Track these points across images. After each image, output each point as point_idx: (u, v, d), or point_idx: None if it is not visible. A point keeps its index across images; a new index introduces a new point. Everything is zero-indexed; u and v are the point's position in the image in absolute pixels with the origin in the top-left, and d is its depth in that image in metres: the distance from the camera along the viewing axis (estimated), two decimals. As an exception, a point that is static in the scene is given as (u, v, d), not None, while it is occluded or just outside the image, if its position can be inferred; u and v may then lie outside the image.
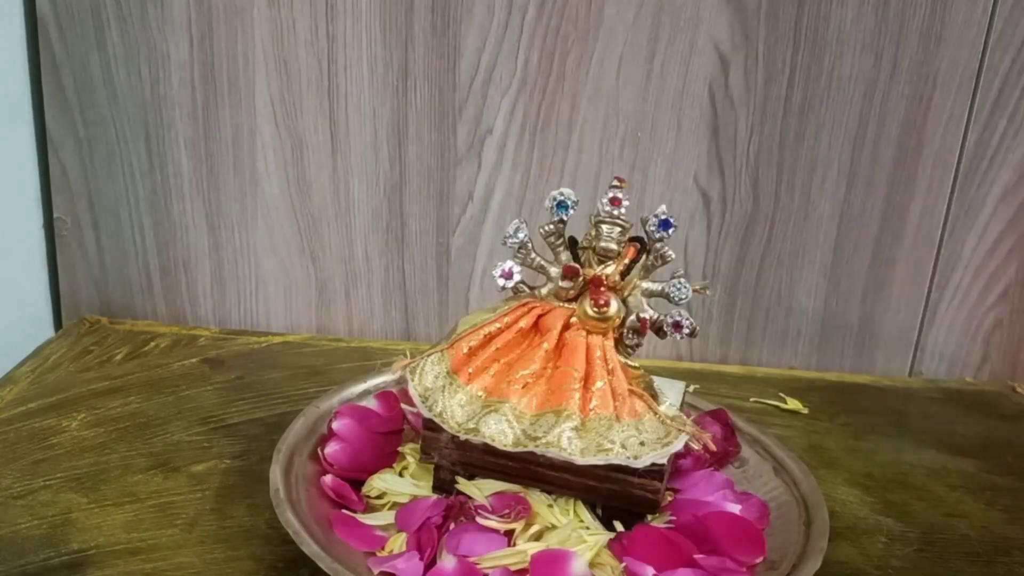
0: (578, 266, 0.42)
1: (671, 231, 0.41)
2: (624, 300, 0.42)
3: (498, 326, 0.42)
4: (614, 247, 0.41)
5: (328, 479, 0.43)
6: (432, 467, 0.43)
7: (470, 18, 0.62)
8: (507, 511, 0.40)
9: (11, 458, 0.48)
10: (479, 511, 0.40)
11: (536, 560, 0.38)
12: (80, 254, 0.67)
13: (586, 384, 0.40)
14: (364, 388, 0.51)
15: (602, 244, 0.41)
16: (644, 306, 0.42)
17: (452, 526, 0.40)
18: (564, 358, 0.41)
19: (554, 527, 0.40)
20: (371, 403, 0.49)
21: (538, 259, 0.43)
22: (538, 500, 0.41)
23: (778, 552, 0.40)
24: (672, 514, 0.42)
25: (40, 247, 0.66)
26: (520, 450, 0.39)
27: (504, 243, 0.43)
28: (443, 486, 0.42)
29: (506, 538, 0.39)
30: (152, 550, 0.41)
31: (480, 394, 0.41)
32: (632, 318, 0.41)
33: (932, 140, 0.65)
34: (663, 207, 0.41)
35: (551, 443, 0.39)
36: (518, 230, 0.42)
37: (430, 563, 0.38)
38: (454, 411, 0.41)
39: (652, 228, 0.41)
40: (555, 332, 0.41)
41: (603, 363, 0.41)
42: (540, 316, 0.42)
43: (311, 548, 0.37)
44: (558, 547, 0.39)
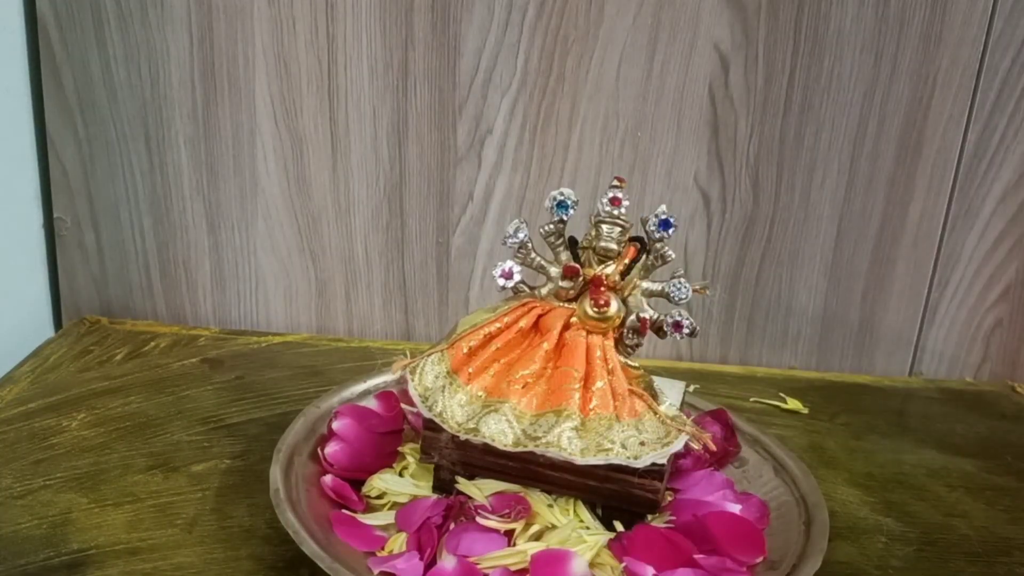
0: (578, 266, 0.42)
1: (671, 231, 0.41)
2: (624, 300, 0.42)
3: (498, 326, 0.42)
4: (614, 247, 0.41)
5: (328, 479, 0.43)
6: (432, 467, 0.43)
7: (470, 18, 0.62)
8: (507, 511, 0.40)
9: (11, 458, 0.48)
10: (479, 511, 0.40)
11: (536, 560, 0.38)
12: (80, 254, 0.67)
13: (586, 384, 0.40)
14: (364, 388, 0.51)
15: (602, 244, 0.41)
16: (644, 306, 0.42)
17: (452, 526, 0.40)
18: (564, 358, 0.41)
19: (554, 527, 0.40)
20: (371, 403, 0.49)
21: (538, 259, 0.43)
22: (538, 500, 0.41)
23: (778, 552, 0.40)
24: (672, 514, 0.42)
25: (40, 247, 0.66)
26: (520, 450, 0.39)
27: (504, 243, 0.43)
28: (443, 486, 0.42)
29: (506, 538, 0.39)
30: (152, 550, 0.41)
31: (480, 394, 0.41)
32: (632, 318, 0.41)
33: (932, 140, 0.65)
34: (663, 207, 0.41)
35: (551, 443, 0.39)
36: (518, 230, 0.42)
37: (430, 563, 0.38)
38: (454, 411, 0.41)
39: (652, 228, 0.41)
40: (555, 332, 0.41)
41: (603, 363, 0.41)
42: (540, 316, 0.42)
43: (311, 548, 0.37)
44: (558, 547, 0.39)
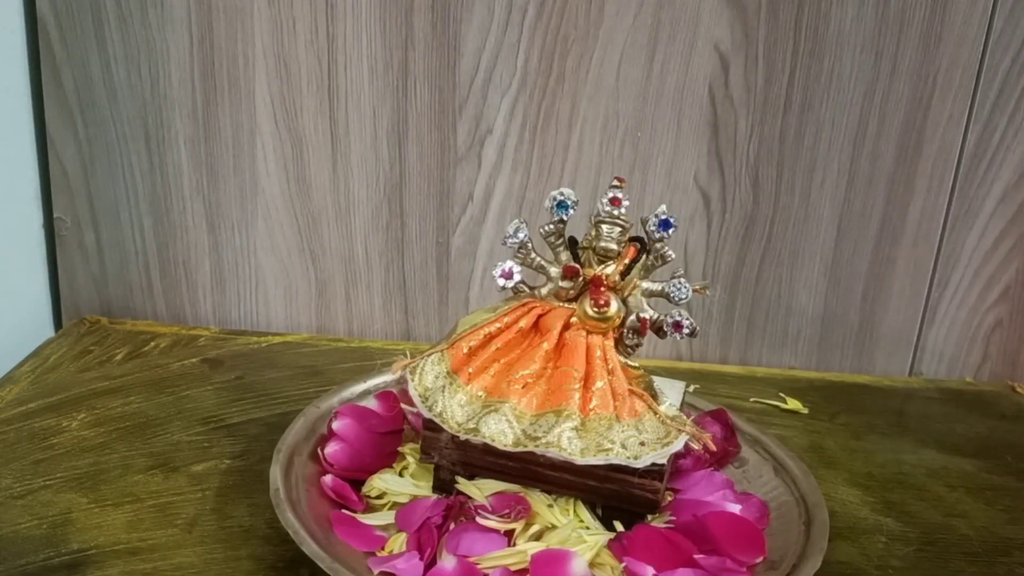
0: (578, 266, 0.42)
1: (671, 231, 0.41)
2: (624, 300, 0.42)
3: (498, 326, 0.42)
4: (614, 247, 0.41)
5: (328, 479, 0.43)
6: (432, 467, 0.43)
7: (470, 18, 0.62)
8: (507, 511, 0.40)
9: (11, 458, 0.48)
10: (479, 511, 0.40)
11: (536, 560, 0.38)
12: (80, 254, 0.67)
13: (586, 384, 0.40)
14: (364, 388, 0.51)
15: (602, 244, 0.41)
16: (644, 306, 0.42)
17: (452, 526, 0.40)
18: (564, 358, 0.41)
19: (554, 527, 0.40)
20: (371, 403, 0.49)
21: (538, 259, 0.43)
22: (538, 500, 0.41)
23: (778, 552, 0.40)
24: (672, 514, 0.42)
25: (40, 247, 0.66)
26: (520, 450, 0.39)
27: (504, 243, 0.43)
28: (443, 486, 0.42)
29: (506, 538, 0.39)
30: (152, 550, 0.41)
31: (480, 394, 0.41)
32: (632, 318, 0.41)
33: (932, 140, 0.65)
34: (663, 207, 0.41)
35: (551, 443, 0.39)
36: (518, 230, 0.42)
37: (430, 563, 0.38)
38: (454, 411, 0.41)
39: (652, 228, 0.41)
40: (555, 332, 0.41)
41: (603, 363, 0.41)
42: (540, 316, 0.42)
43: (311, 548, 0.37)
44: (558, 547, 0.39)
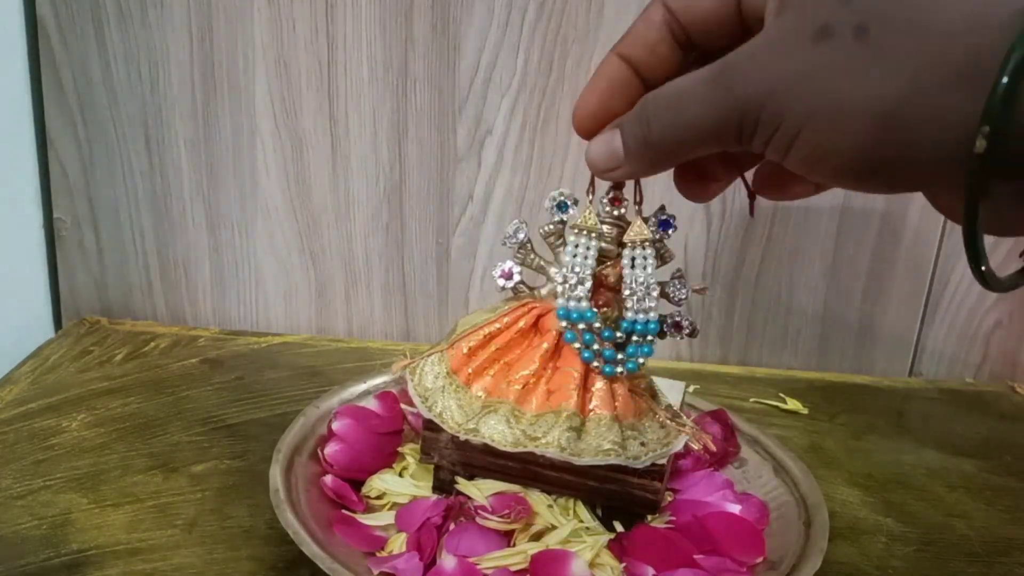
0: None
1: (671, 231, 0.41)
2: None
3: (498, 326, 0.42)
4: (614, 247, 0.41)
5: (328, 479, 0.43)
6: (432, 467, 0.43)
7: (470, 18, 0.62)
8: (507, 511, 0.40)
9: (11, 458, 0.48)
10: (479, 511, 0.40)
11: (536, 560, 0.38)
12: (80, 254, 0.67)
13: (585, 384, 0.40)
14: (364, 388, 0.51)
15: (602, 244, 0.41)
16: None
17: (452, 526, 0.40)
18: (564, 358, 0.41)
19: (554, 527, 0.40)
20: (371, 403, 0.49)
21: (538, 259, 0.43)
22: (538, 500, 0.41)
23: (778, 552, 0.40)
24: (672, 514, 0.42)
25: (40, 247, 0.66)
26: (519, 450, 0.39)
27: (504, 243, 0.43)
28: (443, 486, 0.42)
29: (506, 538, 0.39)
30: (152, 550, 0.41)
31: (480, 394, 0.41)
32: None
33: (932, 140, 0.64)
34: (663, 207, 0.41)
35: (550, 443, 0.39)
36: (518, 230, 0.42)
37: (430, 563, 0.38)
38: (453, 411, 0.41)
39: (652, 228, 0.41)
40: (555, 332, 0.41)
41: (603, 363, 0.41)
42: (540, 316, 0.42)
43: (311, 548, 0.37)
44: (558, 547, 0.39)
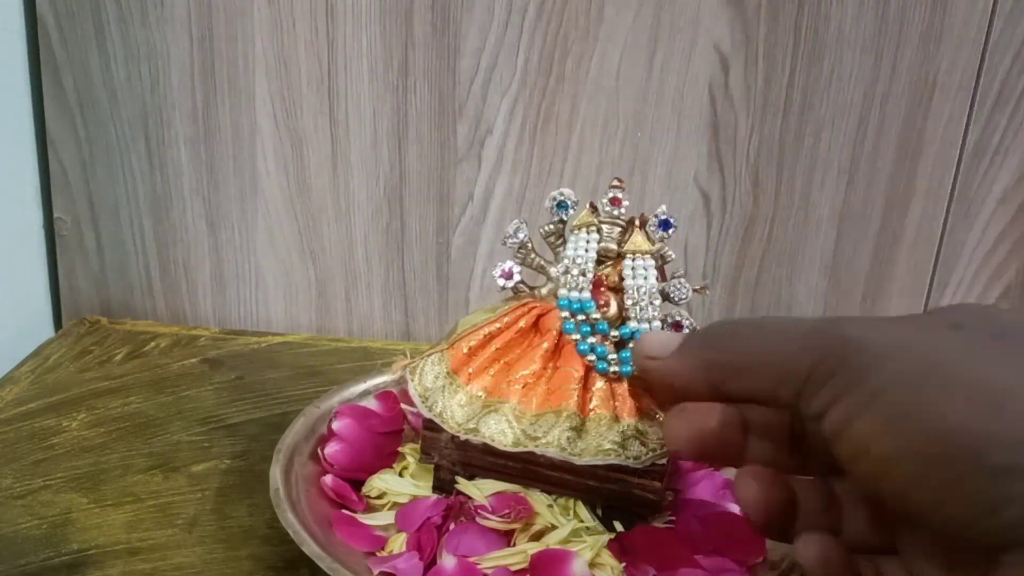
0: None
1: (671, 231, 0.41)
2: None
3: (498, 326, 0.42)
4: (614, 247, 0.41)
5: (328, 479, 0.43)
6: (432, 467, 0.43)
7: (470, 18, 0.61)
8: (507, 511, 0.40)
9: (11, 458, 0.48)
10: (479, 511, 0.40)
11: (536, 560, 0.38)
12: (80, 254, 0.67)
13: (586, 384, 0.40)
14: (364, 388, 0.51)
15: (602, 244, 0.41)
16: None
17: (452, 526, 0.40)
18: (564, 358, 0.41)
19: (554, 527, 0.40)
20: (371, 403, 0.49)
21: (538, 259, 0.43)
22: (538, 500, 0.41)
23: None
24: (672, 514, 0.42)
25: (40, 247, 0.66)
26: (520, 450, 0.39)
27: (504, 243, 0.43)
28: (443, 486, 0.42)
29: (506, 538, 0.39)
30: (152, 550, 0.41)
31: (480, 394, 0.41)
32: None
33: (932, 140, 0.65)
34: (663, 207, 0.41)
35: (551, 443, 0.39)
36: (518, 230, 0.42)
37: (430, 563, 0.38)
38: (454, 411, 0.41)
39: (652, 228, 0.41)
40: (555, 332, 0.41)
41: (603, 363, 0.41)
42: (540, 316, 0.42)
43: (311, 548, 0.37)
44: (558, 547, 0.39)
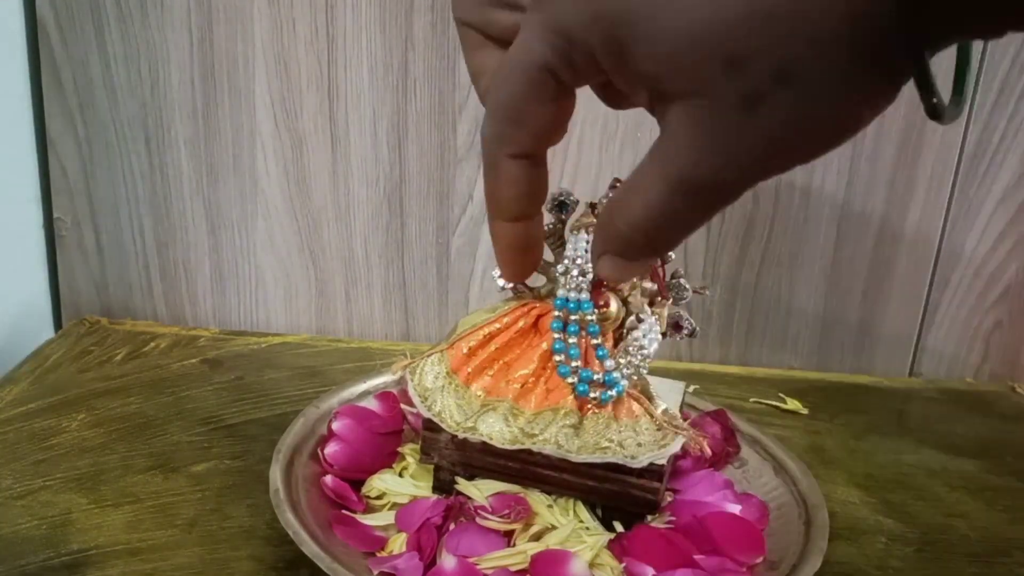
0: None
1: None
2: (624, 300, 0.42)
3: (497, 326, 0.42)
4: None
5: (328, 479, 0.43)
6: (432, 467, 0.43)
7: (470, 18, 0.61)
8: (507, 511, 0.40)
9: (11, 458, 0.48)
10: (479, 511, 0.40)
11: (536, 560, 0.38)
12: (80, 254, 0.67)
13: (585, 384, 0.40)
14: (364, 388, 0.51)
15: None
16: (645, 307, 0.42)
17: (452, 526, 0.40)
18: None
19: (554, 527, 0.40)
20: (371, 403, 0.49)
21: (538, 259, 0.43)
22: (538, 500, 0.41)
23: (778, 552, 0.40)
24: (672, 514, 0.42)
25: (40, 247, 0.66)
26: (517, 447, 0.39)
27: (504, 243, 0.43)
28: (443, 486, 0.42)
29: (506, 538, 0.39)
30: (152, 550, 0.41)
31: (479, 393, 0.41)
32: (632, 319, 0.41)
33: (932, 140, 0.65)
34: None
35: (548, 440, 0.39)
36: (518, 230, 0.42)
37: (430, 563, 0.38)
38: (452, 411, 0.41)
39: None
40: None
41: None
42: (540, 316, 0.42)
43: (311, 548, 0.37)
44: (558, 547, 0.39)
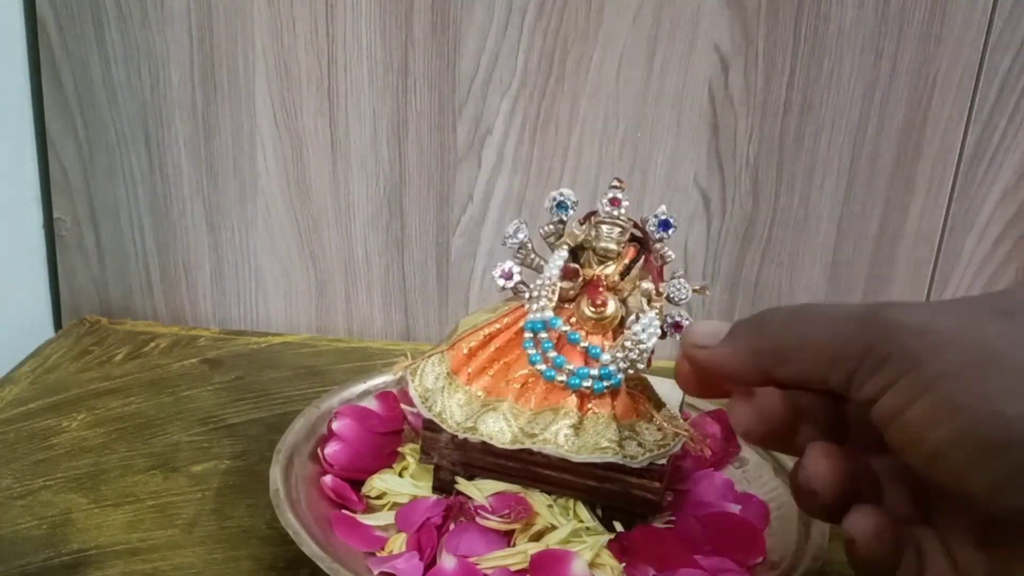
0: (577, 267, 0.42)
1: (671, 231, 0.41)
2: (624, 301, 0.42)
3: (498, 326, 0.42)
4: (614, 247, 0.41)
5: (328, 479, 0.43)
6: (432, 467, 0.43)
7: (470, 18, 0.62)
8: (507, 511, 0.40)
9: (11, 458, 0.48)
10: (479, 511, 0.40)
11: (536, 560, 0.38)
12: (80, 254, 0.67)
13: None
14: (364, 388, 0.51)
15: (602, 244, 0.41)
16: (644, 306, 0.42)
17: (452, 526, 0.40)
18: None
19: (554, 527, 0.40)
20: (371, 403, 0.49)
21: (538, 259, 0.43)
22: (538, 500, 0.41)
23: (778, 552, 0.40)
24: (672, 514, 0.42)
25: (40, 247, 0.66)
26: (517, 447, 0.39)
27: (504, 243, 0.43)
28: (443, 486, 0.42)
29: (506, 538, 0.39)
30: (152, 550, 0.41)
31: (479, 394, 0.41)
32: (631, 319, 0.41)
33: (932, 140, 0.65)
34: (663, 207, 0.41)
35: (548, 440, 0.39)
36: (518, 230, 0.42)
37: (430, 563, 0.38)
38: (453, 411, 0.41)
39: (652, 228, 0.41)
40: (554, 332, 0.41)
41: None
42: (540, 316, 0.42)
43: (311, 548, 0.37)
44: (558, 547, 0.39)
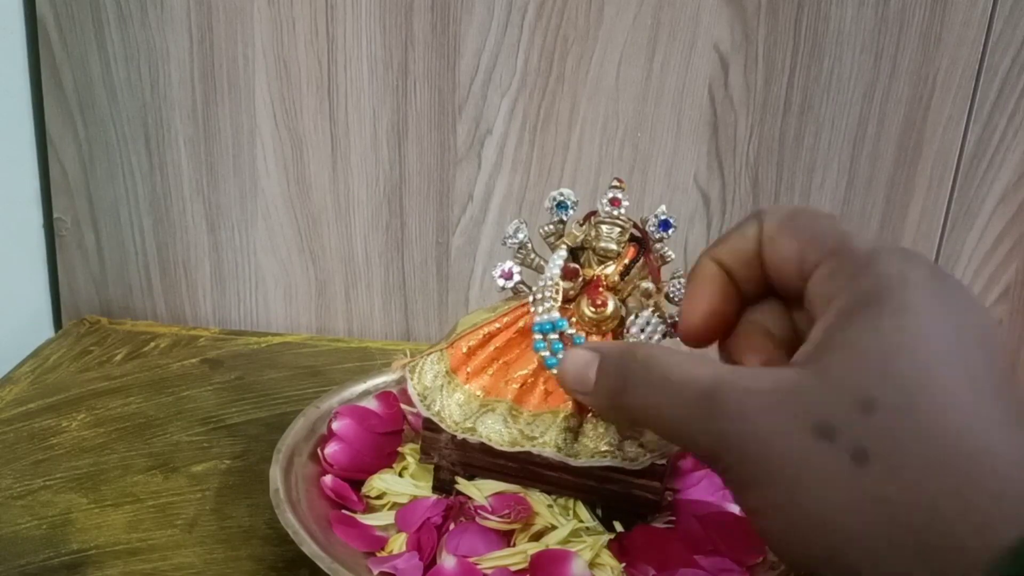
0: (577, 267, 0.42)
1: (671, 231, 0.41)
2: (624, 300, 0.42)
3: (497, 326, 0.42)
4: (614, 247, 0.41)
5: (328, 479, 0.43)
6: (432, 467, 0.43)
7: (470, 18, 0.62)
8: (507, 511, 0.40)
9: (11, 458, 0.48)
10: (479, 511, 0.40)
11: (536, 560, 0.38)
12: (80, 254, 0.67)
13: (585, 384, 0.40)
14: (364, 388, 0.51)
15: (602, 244, 0.41)
16: (644, 306, 0.42)
17: (452, 526, 0.40)
18: (564, 358, 0.41)
19: (554, 527, 0.40)
20: (371, 403, 0.49)
21: (538, 259, 0.43)
22: (538, 500, 0.41)
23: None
24: (672, 514, 0.42)
25: (40, 247, 0.66)
26: (516, 450, 0.39)
27: (504, 243, 0.43)
28: (443, 486, 0.42)
29: (506, 538, 0.39)
30: (152, 550, 0.41)
31: (478, 393, 0.41)
32: (631, 319, 0.41)
33: (932, 140, 0.65)
34: (663, 207, 0.41)
35: (547, 443, 0.39)
36: (518, 230, 0.42)
37: (430, 563, 0.38)
38: (452, 410, 0.41)
39: (652, 228, 0.41)
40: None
41: (603, 363, 0.41)
42: (540, 316, 0.42)
43: (311, 548, 0.37)
44: (558, 547, 0.39)
